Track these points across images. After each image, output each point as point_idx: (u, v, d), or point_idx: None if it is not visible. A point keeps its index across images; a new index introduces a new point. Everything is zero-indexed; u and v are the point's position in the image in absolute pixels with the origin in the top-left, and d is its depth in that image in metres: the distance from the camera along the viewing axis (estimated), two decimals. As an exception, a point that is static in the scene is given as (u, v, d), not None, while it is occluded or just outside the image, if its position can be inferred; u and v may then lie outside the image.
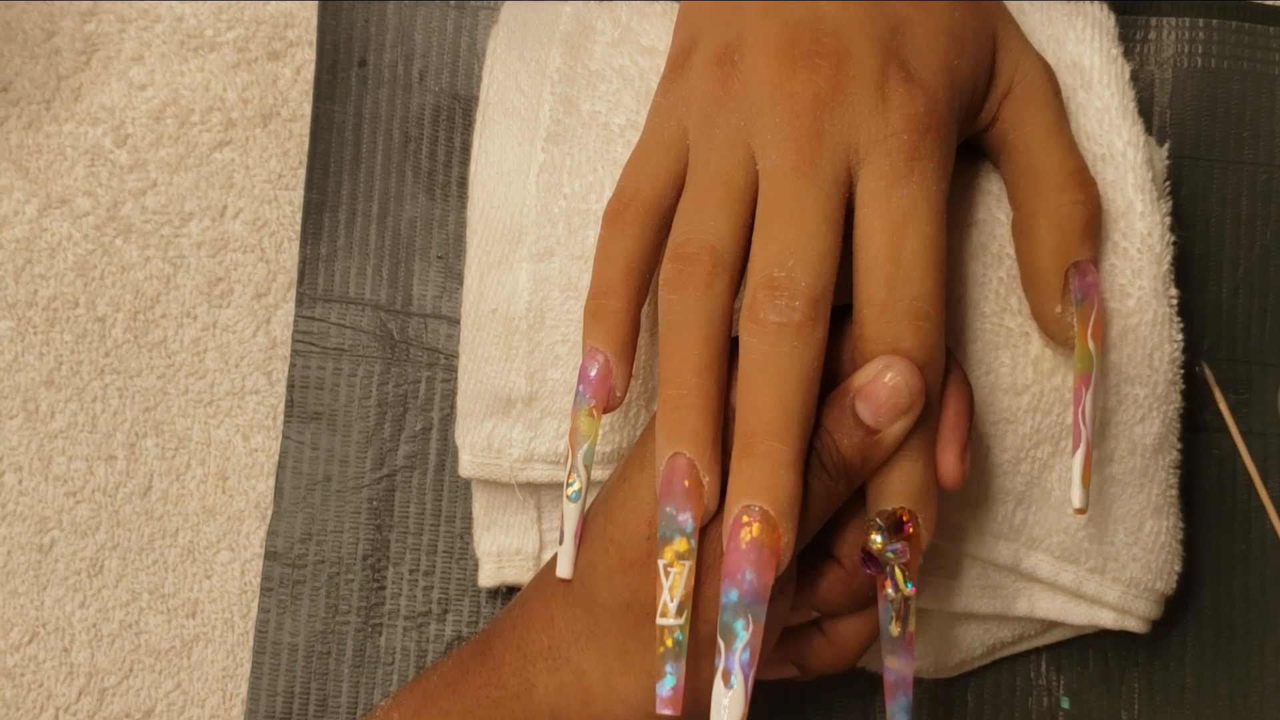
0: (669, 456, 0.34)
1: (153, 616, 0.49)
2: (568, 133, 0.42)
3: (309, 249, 0.49)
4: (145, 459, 0.49)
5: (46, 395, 0.49)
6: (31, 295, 0.50)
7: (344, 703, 0.48)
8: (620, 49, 0.43)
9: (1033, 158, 0.40)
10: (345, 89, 0.50)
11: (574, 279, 0.42)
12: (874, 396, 0.35)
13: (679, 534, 0.34)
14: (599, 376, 0.37)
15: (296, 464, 0.49)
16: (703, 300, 0.35)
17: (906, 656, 0.36)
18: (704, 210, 0.36)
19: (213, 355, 0.50)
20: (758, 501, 0.33)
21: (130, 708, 0.48)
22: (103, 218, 0.50)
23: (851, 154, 0.36)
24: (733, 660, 0.33)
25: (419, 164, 0.50)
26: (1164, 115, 0.50)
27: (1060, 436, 0.41)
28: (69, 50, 0.50)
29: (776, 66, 0.36)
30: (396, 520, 0.48)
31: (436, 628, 0.48)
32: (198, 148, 0.50)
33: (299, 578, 0.48)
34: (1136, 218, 0.41)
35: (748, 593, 0.33)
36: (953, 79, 0.37)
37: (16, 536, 0.49)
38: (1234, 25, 0.50)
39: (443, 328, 0.49)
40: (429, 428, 0.49)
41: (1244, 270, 0.49)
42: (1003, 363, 0.41)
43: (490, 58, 0.45)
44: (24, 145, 0.50)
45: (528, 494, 0.44)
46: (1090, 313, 0.39)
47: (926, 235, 0.35)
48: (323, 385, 0.49)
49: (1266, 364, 0.49)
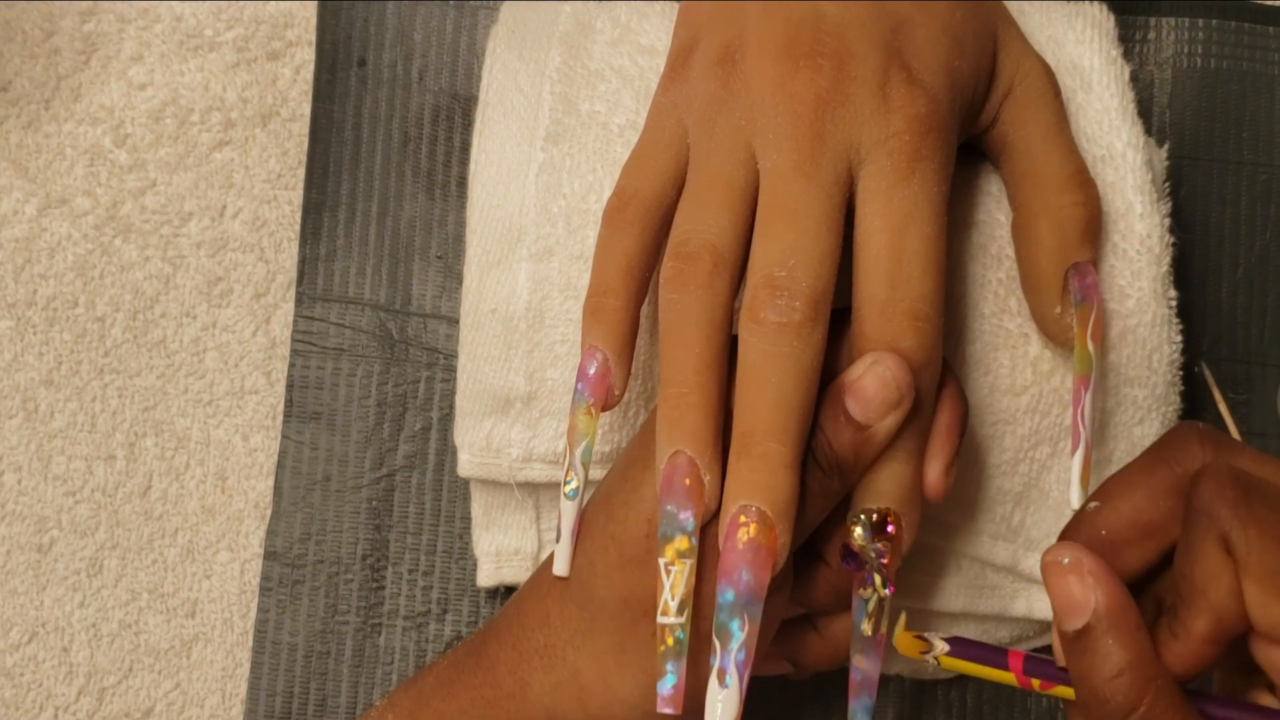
0: (670, 455, 0.34)
1: (152, 616, 0.49)
2: (567, 132, 0.42)
3: (308, 249, 0.49)
4: (145, 459, 0.49)
5: (46, 395, 0.49)
6: (31, 295, 0.50)
7: (343, 702, 0.48)
8: (620, 49, 0.43)
9: (1033, 159, 0.40)
10: (345, 89, 0.50)
11: (573, 279, 0.42)
12: (863, 392, 0.35)
13: (680, 532, 0.34)
14: (598, 375, 0.37)
15: (296, 464, 0.49)
16: (703, 299, 0.35)
17: (875, 657, 0.37)
18: (705, 209, 0.36)
19: (212, 355, 0.50)
20: (755, 502, 0.33)
21: (130, 707, 0.48)
22: (102, 217, 0.50)
23: (853, 154, 0.36)
24: (728, 659, 0.33)
25: (418, 164, 0.50)
26: (1163, 116, 0.50)
27: (1059, 438, 0.41)
28: (68, 50, 0.50)
29: (778, 66, 0.36)
30: (395, 520, 0.48)
31: (435, 627, 0.48)
32: (197, 147, 0.50)
33: (298, 577, 0.48)
34: (1136, 219, 0.41)
35: (744, 593, 0.33)
36: (954, 80, 0.37)
37: (16, 536, 0.49)
38: (1234, 25, 0.50)
39: (442, 328, 0.49)
40: (428, 428, 0.49)
41: (1244, 270, 0.49)
42: (1002, 364, 0.41)
43: (490, 57, 0.45)
44: (23, 145, 0.50)
45: (526, 494, 0.44)
46: (1090, 314, 0.39)
47: (927, 236, 0.35)
48: (322, 385, 0.49)
49: (1266, 364, 0.49)
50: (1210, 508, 0.31)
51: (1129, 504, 0.34)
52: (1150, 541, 0.34)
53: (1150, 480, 0.34)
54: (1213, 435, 0.34)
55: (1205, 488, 0.31)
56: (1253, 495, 0.31)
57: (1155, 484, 0.34)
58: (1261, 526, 0.30)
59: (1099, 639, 0.32)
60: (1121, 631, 0.32)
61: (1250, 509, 0.31)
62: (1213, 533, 0.31)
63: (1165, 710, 0.31)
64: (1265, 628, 0.31)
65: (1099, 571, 0.32)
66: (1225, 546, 0.31)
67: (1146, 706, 0.31)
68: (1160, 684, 0.31)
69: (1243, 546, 0.30)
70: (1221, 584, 0.31)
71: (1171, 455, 0.34)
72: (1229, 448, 0.33)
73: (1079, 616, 0.32)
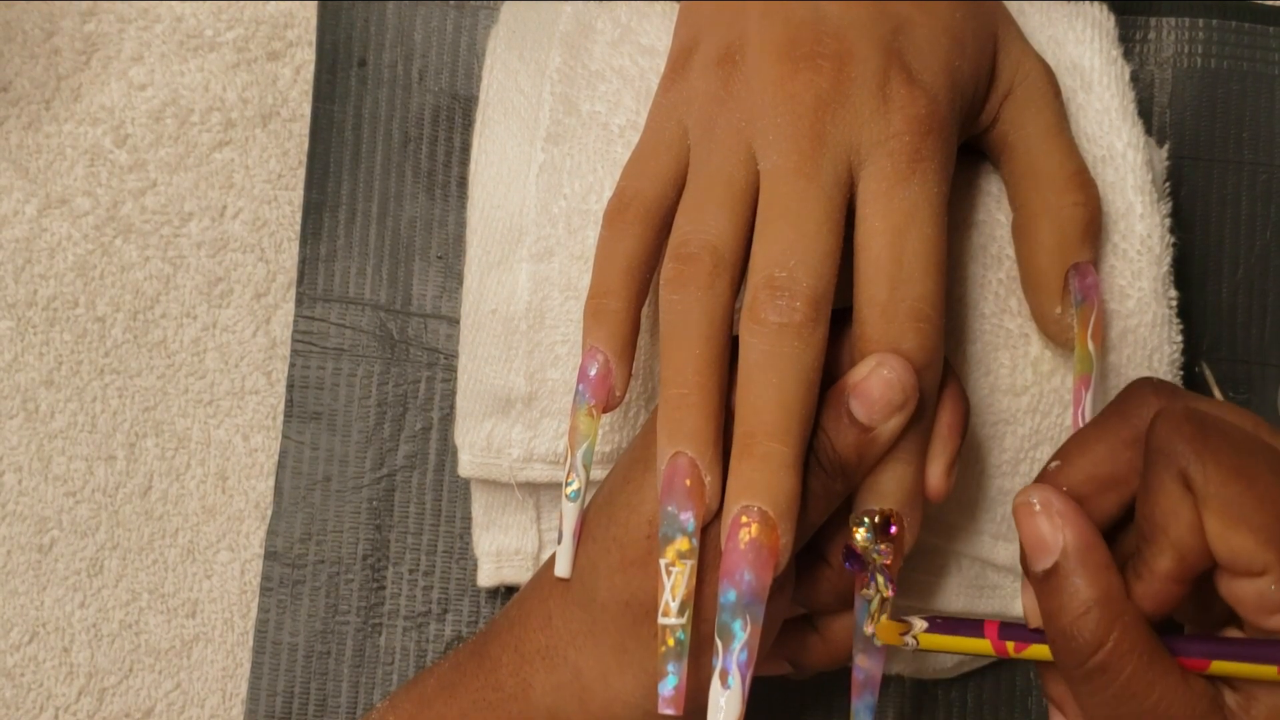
0: (670, 456, 0.34)
1: (152, 616, 0.49)
2: (568, 133, 0.42)
3: (309, 249, 0.49)
4: (145, 459, 0.49)
5: (46, 395, 0.49)
6: (31, 295, 0.50)
7: (343, 703, 0.48)
8: (620, 49, 0.43)
9: (1033, 159, 0.40)
10: (345, 89, 0.50)
11: (574, 279, 0.42)
12: (868, 393, 0.35)
13: (681, 533, 0.34)
14: (599, 376, 0.37)
15: (296, 464, 0.49)
16: (704, 300, 0.35)
17: (878, 656, 0.37)
18: (705, 210, 0.36)
19: (212, 355, 0.50)
20: (757, 502, 0.33)
21: (130, 707, 0.48)
22: (102, 218, 0.50)
23: (853, 155, 0.36)
24: (730, 660, 0.33)
25: (419, 164, 0.50)
26: (1164, 116, 0.50)
27: (1060, 438, 0.41)
28: (69, 50, 0.50)
29: (778, 67, 0.36)
30: (396, 520, 0.49)
31: (436, 628, 0.48)
32: (197, 148, 0.50)
33: (299, 577, 0.48)
34: (1136, 219, 0.41)
35: (746, 593, 0.33)
36: (954, 80, 0.37)
37: (16, 536, 0.49)
38: (1234, 25, 0.50)
39: (442, 328, 0.49)
40: (429, 428, 0.49)
41: (1244, 270, 0.49)
42: (1002, 364, 0.41)
43: (490, 58, 0.45)
44: (24, 145, 0.50)
45: (527, 494, 0.44)
46: (1090, 314, 0.39)
47: (928, 236, 0.35)
48: (322, 385, 0.49)
49: (1266, 364, 0.49)
50: (1167, 445, 0.31)
51: (1088, 459, 0.34)
52: (1112, 494, 0.34)
53: (1108, 435, 0.34)
54: (1167, 386, 0.34)
55: (1162, 426, 0.32)
56: (1209, 430, 0.31)
57: (1113, 438, 0.34)
58: (1218, 457, 0.31)
59: (1067, 577, 0.32)
60: (1089, 569, 0.32)
61: (1206, 442, 0.31)
62: (1171, 469, 0.31)
63: (1133, 646, 0.31)
64: (1227, 559, 0.31)
65: (1068, 512, 0.33)
66: (1184, 482, 0.31)
67: (1114, 642, 0.31)
68: (1128, 620, 0.32)
69: (1200, 479, 0.31)
70: (1181, 519, 0.31)
71: (1128, 408, 0.34)
72: (1184, 396, 0.34)
73: (1048, 556, 0.32)
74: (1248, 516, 0.30)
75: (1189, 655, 0.32)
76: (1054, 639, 0.33)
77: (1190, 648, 0.32)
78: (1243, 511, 0.30)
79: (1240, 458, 0.31)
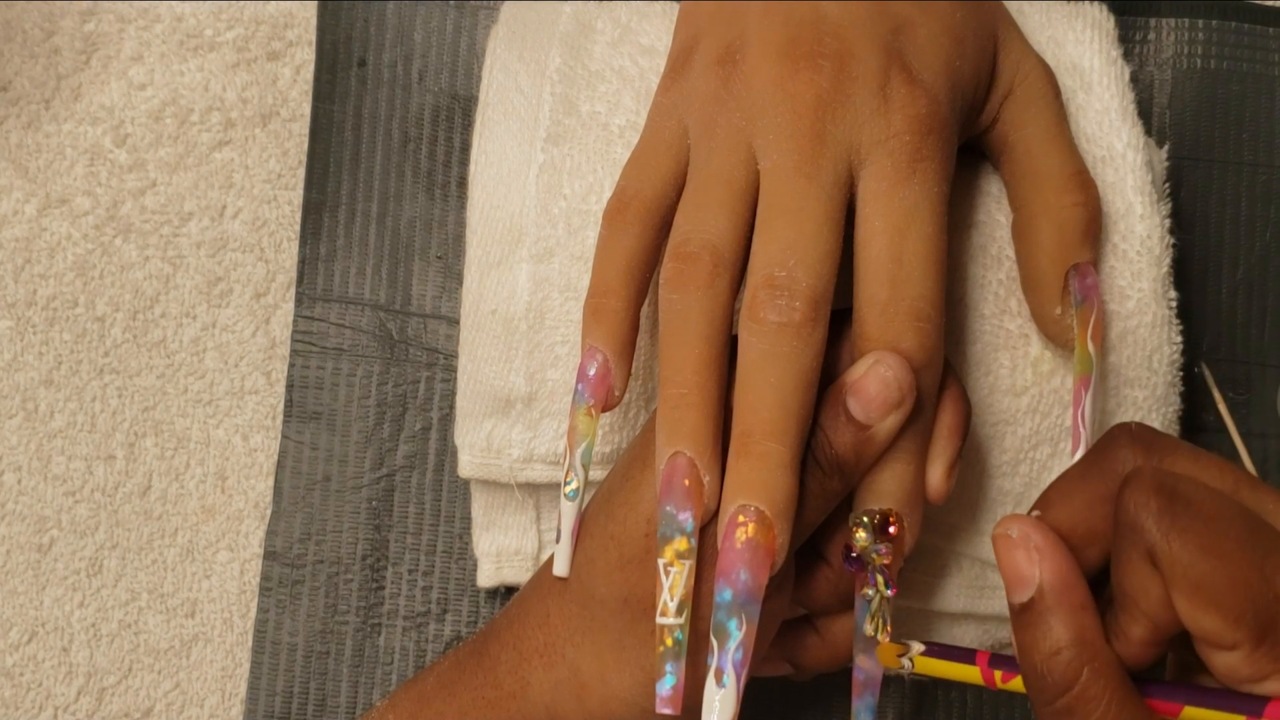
0: (669, 455, 0.34)
1: (152, 616, 0.49)
2: (567, 133, 0.42)
3: (308, 249, 0.49)
4: (144, 459, 0.49)
5: (46, 395, 0.49)
6: (31, 295, 0.50)
7: (343, 702, 0.48)
8: (620, 49, 0.43)
9: (1033, 159, 0.40)
10: (345, 89, 0.50)
11: (574, 280, 0.42)
12: (865, 391, 0.35)
13: (679, 533, 0.34)
14: (598, 376, 0.37)
15: (295, 464, 0.49)
16: (703, 299, 0.35)
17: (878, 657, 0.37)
18: (705, 210, 0.36)
19: (212, 355, 0.50)
20: (754, 501, 0.33)
21: (129, 707, 0.48)
22: (102, 217, 0.50)
23: (853, 154, 0.36)
24: (725, 659, 0.33)
25: (418, 164, 0.50)
26: (1163, 116, 0.50)
27: (1059, 438, 0.41)
28: (68, 50, 0.50)
29: (779, 66, 0.36)
30: (395, 520, 0.48)
31: (435, 628, 0.48)
32: (197, 147, 0.50)
33: (298, 577, 0.48)
34: (1136, 220, 0.41)
35: (742, 592, 0.33)
36: (954, 80, 0.37)
37: (15, 536, 0.49)
38: (1234, 26, 0.50)
39: (442, 328, 0.49)
40: (428, 428, 0.49)
41: (1244, 271, 0.49)
42: (1002, 364, 0.41)
43: (490, 58, 0.44)
44: (23, 145, 0.50)
45: (526, 494, 0.44)
46: (1090, 315, 0.39)
47: (928, 236, 0.35)
48: (322, 385, 0.49)
49: (1266, 364, 0.49)
50: (1134, 520, 0.30)
51: (1066, 513, 0.33)
52: (1092, 548, 0.33)
53: (1084, 488, 0.33)
54: (1144, 437, 0.33)
55: (1130, 498, 0.30)
56: (1177, 504, 0.30)
57: (1090, 492, 0.33)
58: (1185, 537, 0.29)
59: (1042, 615, 0.31)
60: (1064, 609, 0.31)
61: (1174, 519, 0.30)
62: (1138, 546, 0.30)
63: (1102, 690, 0.31)
64: (1197, 634, 0.30)
65: (1046, 548, 0.32)
66: (1151, 560, 0.30)
67: (1082, 686, 0.31)
68: (1099, 664, 0.31)
69: (1167, 560, 0.30)
70: (1151, 595, 0.30)
71: (1104, 461, 0.33)
72: (1160, 449, 0.32)
73: (1025, 590, 0.32)
74: (1217, 597, 0.29)
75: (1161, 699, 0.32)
76: (1026, 674, 0.32)
77: (1163, 692, 0.32)
78: (1212, 592, 0.29)
79: (1210, 534, 0.29)
